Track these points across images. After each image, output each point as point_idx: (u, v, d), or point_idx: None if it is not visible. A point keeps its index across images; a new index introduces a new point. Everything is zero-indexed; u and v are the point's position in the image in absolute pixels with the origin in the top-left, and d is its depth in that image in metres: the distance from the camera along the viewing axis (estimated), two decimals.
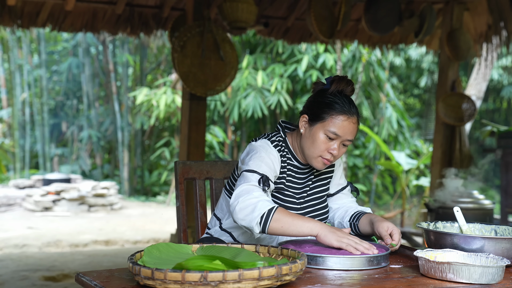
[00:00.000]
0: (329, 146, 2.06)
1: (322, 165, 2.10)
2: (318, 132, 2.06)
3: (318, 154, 2.07)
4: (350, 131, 2.05)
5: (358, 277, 1.62)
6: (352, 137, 2.07)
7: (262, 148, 2.09)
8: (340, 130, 2.03)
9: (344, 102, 2.05)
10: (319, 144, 2.06)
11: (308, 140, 2.09)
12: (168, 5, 5.73)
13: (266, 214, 1.85)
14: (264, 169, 2.02)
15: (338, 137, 2.04)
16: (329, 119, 2.03)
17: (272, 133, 2.20)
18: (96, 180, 12.34)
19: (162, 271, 1.33)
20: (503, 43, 5.94)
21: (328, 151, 2.06)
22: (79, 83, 14.47)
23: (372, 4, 5.42)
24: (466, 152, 5.72)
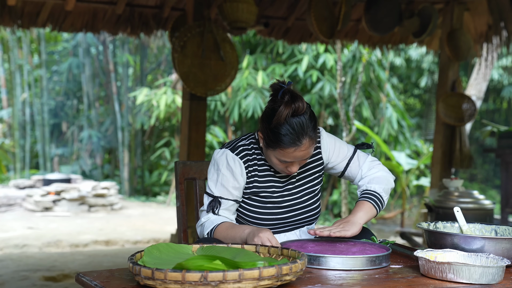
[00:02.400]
0: (285, 166, 2.08)
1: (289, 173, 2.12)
2: (272, 156, 2.07)
3: (276, 168, 2.12)
4: (301, 156, 2.03)
5: (358, 277, 1.62)
6: (306, 157, 2.06)
7: (220, 163, 2.14)
8: (290, 159, 2.04)
9: (292, 132, 1.97)
10: (275, 165, 2.09)
11: (267, 157, 2.11)
12: (168, 5, 5.73)
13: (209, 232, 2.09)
14: (219, 189, 2.14)
15: (291, 162, 2.06)
16: (278, 150, 2.02)
17: (247, 134, 2.23)
18: (96, 180, 12.34)
19: (162, 271, 1.34)
20: (503, 43, 5.94)
21: (286, 169, 2.08)
22: (79, 83, 14.47)
23: (372, 4, 5.42)
24: (466, 152, 5.72)
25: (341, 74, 9.46)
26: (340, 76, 9.40)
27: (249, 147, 2.17)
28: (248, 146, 2.17)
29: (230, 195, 2.15)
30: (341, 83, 9.45)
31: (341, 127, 10.32)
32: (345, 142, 2.31)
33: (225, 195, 2.14)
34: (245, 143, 2.18)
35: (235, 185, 2.14)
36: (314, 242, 1.96)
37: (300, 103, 1.96)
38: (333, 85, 10.12)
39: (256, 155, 2.17)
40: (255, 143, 2.19)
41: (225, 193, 2.14)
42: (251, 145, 2.18)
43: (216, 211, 2.14)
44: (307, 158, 2.07)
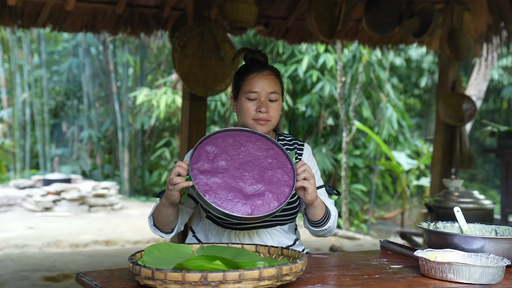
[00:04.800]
0: (255, 107, 2.11)
1: (260, 127, 2.11)
2: (241, 100, 2.13)
3: (250, 118, 2.12)
4: (265, 85, 2.11)
5: (358, 277, 1.62)
6: (272, 88, 2.12)
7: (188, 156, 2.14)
8: (255, 87, 2.10)
9: (252, 63, 2.17)
10: (246, 109, 2.11)
11: (238, 113, 2.15)
12: (169, 5, 5.73)
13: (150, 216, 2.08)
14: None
15: (258, 94, 2.11)
16: (243, 84, 2.13)
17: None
18: (96, 180, 12.34)
19: (163, 271, 1.34)
20: (503, 43, 5.94)
21: (257, 111, 2.10)
22: (80, 83, 14.47)
23: (373, 4, 5.42)
24: (466, 152, 5.72)
25: (341, 74, 9.46)
26: (340, 76, 9.40)
27: None
28: None
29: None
30: (341, 83, 9.45)
31: (341, 127, 10.32)
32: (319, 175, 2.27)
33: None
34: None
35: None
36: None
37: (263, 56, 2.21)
38: (333, 85, 10.12)
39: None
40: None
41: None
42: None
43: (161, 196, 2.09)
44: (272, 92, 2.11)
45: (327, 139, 10.86)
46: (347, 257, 1.91)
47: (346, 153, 9.45)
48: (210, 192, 1.81)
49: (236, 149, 1.94)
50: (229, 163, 1.90)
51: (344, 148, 9.44)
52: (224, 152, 1.91)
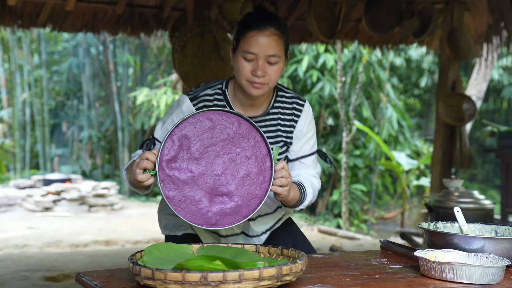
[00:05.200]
0: (251, 68, 1.94)
1: (255, 90, 1.96)
2: (238, 57, 1.95)
3: (244, 79, 1.96)
4: (265, 46, 1.91)
5: (358, 277, 1.62)
6: (272, 51, 1.94)
7: (175, 108, 2.05)
8: (253, 48, 1.92)
9: (256, 16, 1.94)
10: (241, 69, 1.95)
11: (235, 69, 1.99)
12: (169, 5, 5.73)
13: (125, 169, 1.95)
14: (158, 133, 2.05)
15: (255, 55, 1.93)
16: (242, 40, 1.94)
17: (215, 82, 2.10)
18: (96, 180, 12.34)
19: (163, 271, 1.34)
20: (503, 43, 5.94)
21: (252, 73, 1.94)
22: (80, 83, 14.48)
23: (373, 4, 5.42)
24: (466, 152, 5.72)
25: (341, 74, 9.46)
26: (340, 76, 9.40)
27: (211, 97, 2.05)
28: (210, 97, 2.05)
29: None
30: (341, 83, 9.45)
31: (341, 127, 10.32)
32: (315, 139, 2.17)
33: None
34: (209, 92, 2.06)
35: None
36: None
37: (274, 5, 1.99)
38: (333, 85, 10.12)
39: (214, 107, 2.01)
40: (221, 93, 2.06)
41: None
42: (214, 96, 2.06)
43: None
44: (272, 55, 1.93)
45: (327, 139, 10.86)
46: (347, 257, 1.91)
47: (346, 153, 9.45)
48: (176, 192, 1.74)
49: (214, 137, 1.77)
50: (203, 157, 1.76)
51: (344, 148, 9.44)
52: (200, 142, 1.76)
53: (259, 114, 2.08)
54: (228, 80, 2.09)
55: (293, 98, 2.13)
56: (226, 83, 2.08)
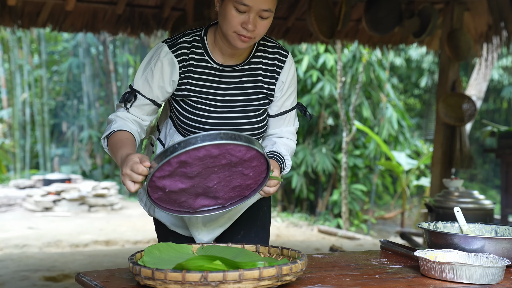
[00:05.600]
0: (242, 20, 1.82)
1: (241, 43, 1.86)
2: (228, 6, 1.83)
3: (232, 30, 1.84)
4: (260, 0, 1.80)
5: (358, 277, 1.62)
6: (266, 6, 1.82)
7: (153, 57, 1.95)
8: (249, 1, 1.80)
9: None
10: (230, 19, 1.83)
11: (221, 17, 1.87)
12: (169, 5, 5.73)
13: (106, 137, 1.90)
14: (141, 83, 1.94)
15: (249, 8, 1.81)
16: None
17: (192, 29, 2.00)
18: (96, 180, 12.34)
19: (163, 271, 1.34)
20: (503, 43, 5.94)
21: (242, 26, 1.83)
22: (80, 83, 14.48)
23: (373, 4, 5.42)
24: (466, 152, 5.72)
25: (341, 74, 9.46)
26: (340, 76, 9.41)
27: (189, 45, 1.95)
28: (188, 45, 1.95)
29: (149, 93, 1.94)
30: (341, 83, 9.45)
31: (341, 127, 10.32)
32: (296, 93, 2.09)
33: (145, 91, 1.94)
34: (186, 39, 1.96)
35: (159, 84, 1.94)
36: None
37: None
38: (333, 85, 10.12)
39: (195, 55, 1.95)
40: (199, 41, 1.96)
41: (145, 89, 1.94)
42: (192, 43, 1.96)
43: (129, 105, 1.95)
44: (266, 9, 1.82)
45: (327, 139, 10.86)
46: (347, 257, 1.91)
47: (346, 153, 9.45)
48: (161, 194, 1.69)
49: (216, 162, 1.63)
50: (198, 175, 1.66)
51: (344, 148, 9.44)
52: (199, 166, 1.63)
53: (239, 63, 1.98)
54: (208, 28, 1.99)
55: (275, 48, 2.04)
56: (205, 30, 1.98)
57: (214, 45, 1.96)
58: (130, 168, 1.65)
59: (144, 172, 1.63)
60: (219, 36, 1.94)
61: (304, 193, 10.47)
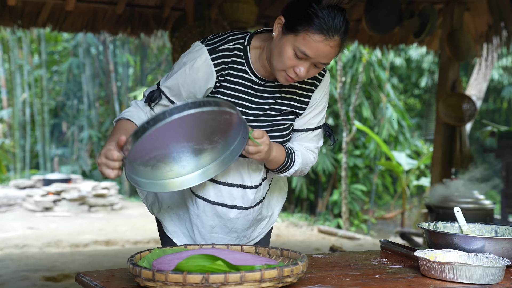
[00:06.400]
0: (296, 65, 1.73)
1: (285, 81, 1.78)
2: (287, 45, 1.71)
3: (281, 69, 1.75)
4: (324, 54, 1.70)
5: (358, 277, 1.62)
6: (327, 60, 1.73)
7: (190, 59, 1.83)
8: (311, 52, 1.69)
9: (329, 19, 1.66)
10: (285, 59, 1.72)
11: (276, 49, 1.74)
12: (169, 5, 5.73)
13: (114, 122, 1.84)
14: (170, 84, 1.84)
15: (308, 58, 1.71)
16: (302, 34, 1.68)
17: (236, 34, 1.87)
18: (96, 180, 12.35)
19: (163, 273, 1.34)
20: (503, 43, 5.94)
21: (294, 69, 1.74)
22: (80, 83, 14.48)
23: (373, 4, 5.42)
24: (466, 152, 5.72)
25: (341, 74, 9.46)
26: (340, 76, 9.41)
27: (231, 53, 1.83)
28: (230, 52, 1.83)
29: (176, 96, 1.85)
30: (341, 83, 9.45)
31: (341, 127, 10.32)
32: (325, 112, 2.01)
33: (171, 94, 1.86)
34: (229, 47, 1.83)
35: (190, 90, 1.83)
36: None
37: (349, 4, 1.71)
38: (333, 85, 10.12)
39: (235, 64, 1.84)
40: (241, 50, 1.84)
41: (173, 91, 1.85)
42: (234, 51, 1.84)
43: (153, 105, 1.86)
44: (324, 63, 1.74)
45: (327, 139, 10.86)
46: (347, 257, 1.91)
47: (346, 153, 9.45)
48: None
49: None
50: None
51: (344, 148, 9.44)
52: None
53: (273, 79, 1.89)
54: (252, 36, 1.87)
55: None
56: (249, 38, 1.85)
57: (257, 59, 1.86)
58: (104, 156, 1.61)
59: (119, 157, 1.59)
60: (265, 55, 1.84)
61: (304, 193, 10.47)
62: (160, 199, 2.02)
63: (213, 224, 1.95)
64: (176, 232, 2.02)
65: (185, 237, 2.02)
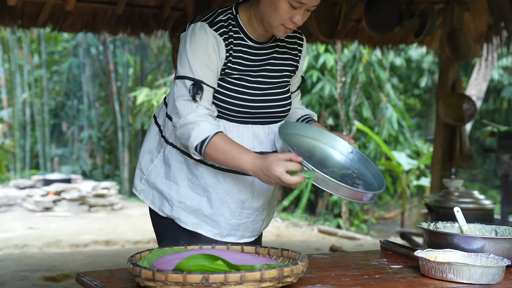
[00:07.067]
0: (292, 15, 1.83)
1: (284, 34, 1.90)
2: (281, 0, 1.82)
3: (280, 23, 1.85)
4: None
5: (358, 277, 1.62)
6: (317, 3, 1.85)
7: (196, 37, 1.86)
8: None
9: None
10: (282, 13, 1.82)
11: (269, 7, 1.84)
12: (169, 5, 5.73)
13: (200, 144, 1.80)
14: (201, 70, 1.85)
15: (303, 5, 1.82)
16: None
17: (222, 8, 1.95)
18: (96, 180, 12.34)
19: (163, 273, 1.34)
20: (503, 43, 5.94)
21: (291, 20, 1.84)
22: (80, 83, 14.48)
23: (373, 4, 5.42)
24: (466, 152, 5.72)
25: (341, 74, 9.46)
26: (340, 76, 9.41)
27: (225, 23, 1.91)
28: (225, 23, 1.91)
29: (211, 79, 1.87)
30: (341, 83, 9.45)
31: (341, 127, 10.32)
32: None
33: (207, 78, 1.86)
34: (222, 18, 1.91)
35: (218, 66, 1.88)
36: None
37: None
38: (333, 85, 10.12)
39: (233, 32, 1.91)
40: (233, 19, 1.93)
41: (207, 75, 1.86)
42: (228, 21, 1.92)
43: (199, 99, 1.84)
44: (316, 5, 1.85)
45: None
46: (347, 257, 1.91)
47: None
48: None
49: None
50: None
51: None
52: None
53: (268, 40, 2.00)
54: (237, 6, 1.96)
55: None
56: (235, 8, 1.95)
57: (248, 24, 1.94)
58: (284, 167, 1.70)
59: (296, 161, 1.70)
60: (255, 18, 1.92)
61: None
62: (169, 197, 2.00)
63: (243, 199, 1.98)
64: (198, 224, 1.99)
65: (208, 225, 1.99)
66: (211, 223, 1.99)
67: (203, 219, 1.99)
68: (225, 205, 1.97)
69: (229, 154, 1.79)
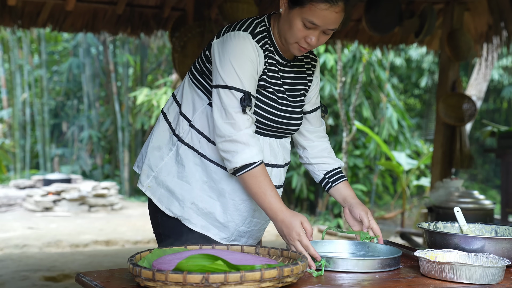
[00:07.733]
0: (307, 35, 1.83)
1: (299, 52, 1.89)
2: (296, 18, 1.82)
3: (294, 41, 1.86)
4: (331, 21, 1.81)
5: (358, 277, 1.62)
6: (334, 26, 1.84)
7: (241, 46, 1.85)
8: (318, 20, 1.80)
9: None
10: (296, 31, 1.83)
11: (286, 24, 1.85)
12: (169, 5, 5.73)
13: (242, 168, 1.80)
14: (244, 81, 1.83)
15: (317, 27, 1.82)
16: (308, 5, 1.79)
17: (257, 19, 1.95)
18: (96, 180, 12.34)
19: (163, 273, 1.34)
20: (503, 43, 5.94)
21: (305, 40, 1.85)
22: (80, 83, 14.47)
23: (373, 4, 5.42)
24: (466, 152, 5.72)
25: (341, 74, 9.46)
26: (340, 76, 9.40)
27: (262, 35, 1.91)
28: (262, 35, 1.91)
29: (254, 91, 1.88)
30: (341, 83, 9.45)
31: (341, 127, 10.32)
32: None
33: (253, 90, 1.86)
34: (259, 30, 1.91)
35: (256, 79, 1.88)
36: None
37: None
38: (333, 85, 10.12)
39: (268, 45, 1.92)
40: (267, 31, 1.93)
41: (252, 87, 1.85)
42: (264, 33, 1.92)
43: (248, 111, 1.83)
44: (332, 29, 1.84)
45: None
46: None
47: (346, 153, 9.45)
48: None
49: None
50: None
51: (344, 148, 9.44)
52: None
53: (292, 59, 2.00)
54: (269, 17, 1.96)
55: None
56: (268, 20, 1.95)
57: (278, 39, 1.94)
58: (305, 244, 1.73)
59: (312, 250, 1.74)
60: (277, 35, 1.94)
61: (304, 193, 10.47)
62: (180, 197, 1.97)
63: (255, 208, 1.99)
64: (206, 227, 1.97)
65: (217, 229, 1.98)
66: (220, 228, 1.98)
67: (213, 223, 1.98)
68: (238, 213, 1.97)
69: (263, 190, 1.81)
